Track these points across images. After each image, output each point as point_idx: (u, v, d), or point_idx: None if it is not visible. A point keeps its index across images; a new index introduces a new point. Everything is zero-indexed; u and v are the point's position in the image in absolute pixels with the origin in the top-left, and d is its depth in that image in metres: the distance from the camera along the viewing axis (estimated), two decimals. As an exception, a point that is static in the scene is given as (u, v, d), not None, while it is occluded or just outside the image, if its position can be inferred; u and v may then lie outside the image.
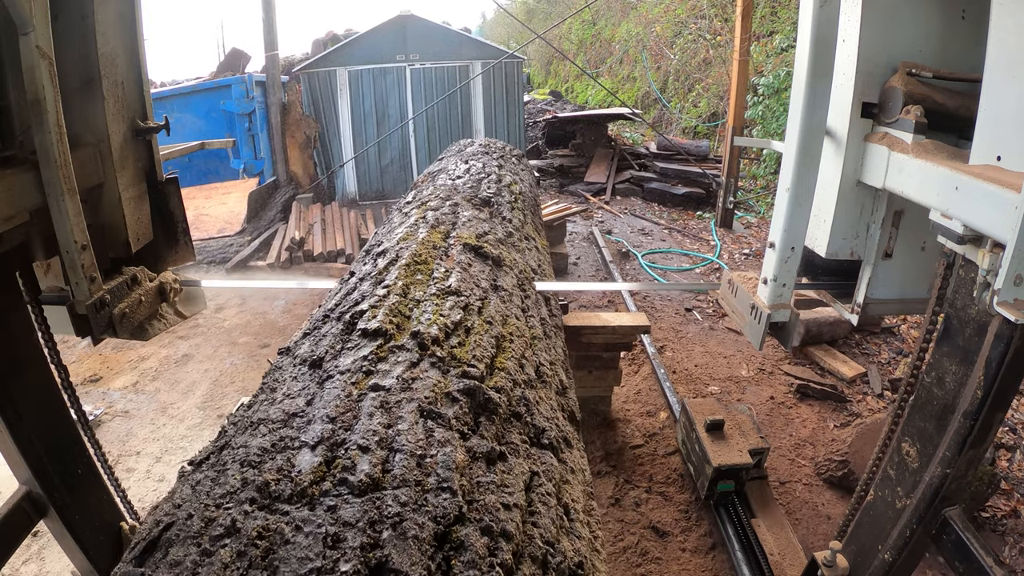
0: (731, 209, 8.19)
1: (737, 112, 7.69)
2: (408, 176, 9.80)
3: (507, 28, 27.03)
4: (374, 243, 2.30)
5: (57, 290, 1.90)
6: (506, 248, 2.35)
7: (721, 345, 5.20)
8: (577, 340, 3.53)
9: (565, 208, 7.09)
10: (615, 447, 3.83)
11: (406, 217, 2.50)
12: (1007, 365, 1.57)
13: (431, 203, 2.63)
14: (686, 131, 13.00)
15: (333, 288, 1.97)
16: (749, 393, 4.51)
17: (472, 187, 2.99)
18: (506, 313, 1.76)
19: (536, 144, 11.74)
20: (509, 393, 1.35)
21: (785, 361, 4.89)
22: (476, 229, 2.32)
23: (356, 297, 1.65)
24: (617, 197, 9.86)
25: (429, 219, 2.35)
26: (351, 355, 1.32)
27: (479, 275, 1.91)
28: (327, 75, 9.17)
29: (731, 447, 3.17)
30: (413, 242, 2.03)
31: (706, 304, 5.96)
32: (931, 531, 1.86)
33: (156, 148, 2.18)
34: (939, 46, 1.89)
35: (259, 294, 6.34)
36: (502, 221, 2.68)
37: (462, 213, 2.51)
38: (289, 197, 8.92)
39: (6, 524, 1.90)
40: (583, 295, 6.01)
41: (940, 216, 1.59)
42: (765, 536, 2.93)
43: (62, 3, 1.73)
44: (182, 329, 5.49)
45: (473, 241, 2.16)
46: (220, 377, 4.81)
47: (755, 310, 2.12)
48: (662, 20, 15.07)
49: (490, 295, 1.82)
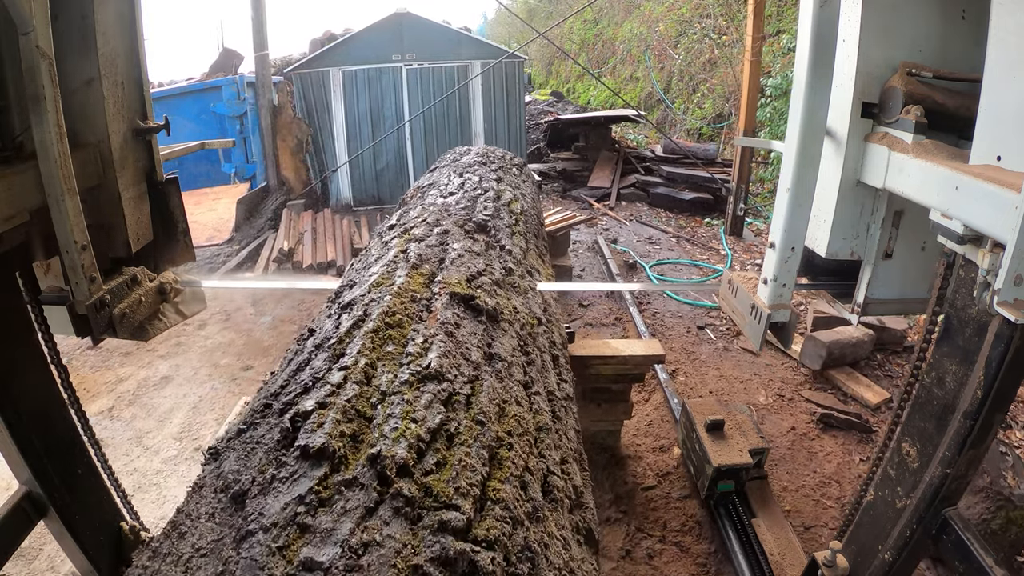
0: (741, 216, 7.92)
1: (749, 115, 7.43)
2: (404, 181, 9.47)
3: (508, 28, 26.98)
4: (345, 283, 1.98)
5: (57, 290, 1.90)
6: (505, 292, 2.00)
7: (737, 368, 4.89)
8: (584, 371, 3.22)
9: (569, 217, 6.78)
10: (625, 489, 3.53)
11: (385, 249, 2.14)
12: (1007, 365, 1.56)
13: (416, 230, 2.27)
14: (690, 133, 12.84)
15: (288, 351, 1.65)
16: (769, 423, 4.16)
17: (466, 207, 2.68)
18: (504, 399, 1.41)
19: (538, 147, 11.55)
20: (507, 545, 1.00)
21: (805, 386, 4.58)
22: (468, 268, 1.97)
23: (306, 380, 1.29)
24: (622, 203, 9.54)
25: (411, 255, 1.99)
26: (283, 493, 0.99)
27: (469, 341, 1.55)
28: (320, 76, 8.85)
29: (731, 447, 3.17)
30: (388, 291, 1.69)
31: (719, 321, 5.67)
32: (931, 531, 1.86)
33: (156, 148, 2.18)
34: (939, 46, 1.89)
35: (245, 310, 6.06)
36: (500, 252, 2.36)
37: (452, 245, 2.16)
38: (280, 203, 8.58)
39: (6, 524, 1.90)
40: (588, 312, 5.78)
41: (940, 216, 1.59)
42: (765, 536, 2.93)
43: (62, 3, 1.73)
44: (163, 347, 5.31)
45: (463, 289, 1.80)
46: (199, 403, 4.54)
47: (755, 310, 2.12)
48: (666, 19, 14.89)
49: (483, 373, 1.45)
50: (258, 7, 8.52)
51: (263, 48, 8.59)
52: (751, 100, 7.45)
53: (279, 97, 8.82)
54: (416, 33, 8.92)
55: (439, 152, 9.09)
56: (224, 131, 8.74)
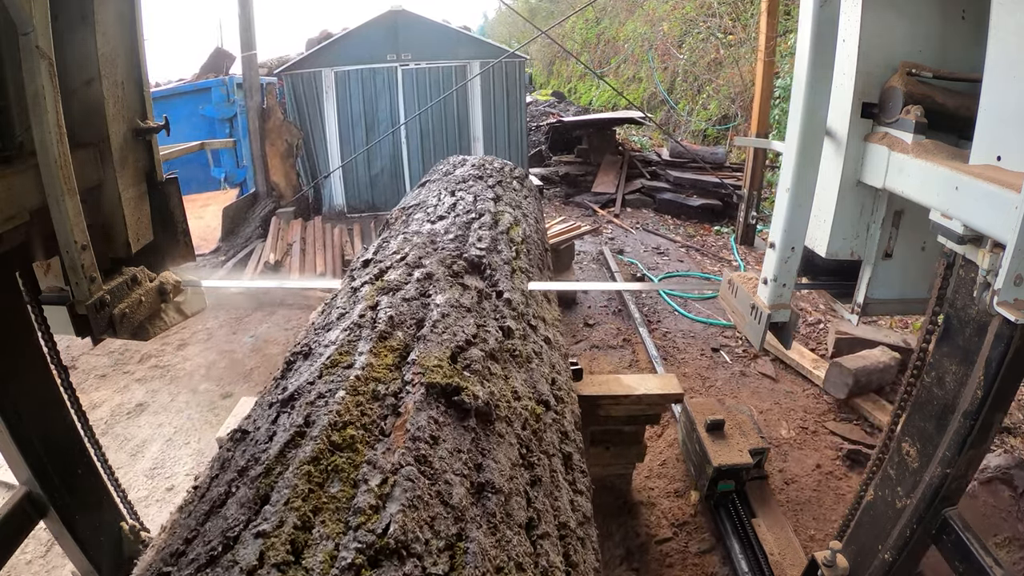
0: (753, 224, 7.56)
1: (762, 117, 7.10)
2: (400, 186, 8.93)
3: (509, 28, 26.92)
4: (299, 349, 1.56)
5: (57, 290, 1.90)
6: (502, 366, 1.59)
7: (756, 396, 4.49)
8: (594, 412, 2.89)
9: (573, 228, 6.41)
10: (637, 543, 3.18)
11: (352, 300, 1.74)
12: (1007, 365, 1.56)
13: (392, 274, 1.87)
14: (695, 135, 12.68)
15: (214, 461, 1.31)
16: (792, 460, 3.81)
17: (457, 237, 2.28)
18: (499, 564, 1.05)
19: (539, 149, 11.30)
20: None
21: (829, 416, 4.23)
22: (454, 336, 1.56)
23: (214, 542, 0.94)
24: (627, 209, 9.13)
25: (381, 315, 1.57)
26: None
27: (450, 468, 1.15)
28: (311, 76, 8.42)
29: (731, 447, 3.17)
30: (342, 382, 1.28)
31: (735, 343, 5.29)
32: (931, 531, 1.86)
33: (156, 148, 2.18)
34: (939, 46, 1.89)
35: (227, 328, 5.74)
36: (497, 304, 1.93)
37: (435, 299, 1.74)
38: (269, 211, 8.11)
39: (6, 524, 1.90)
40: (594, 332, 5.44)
41: (940, 216, 1.59)
42: (765, 536, 2.93)
43: (62, 3, 1.73)
44: (139, 370, 5.02)
45: (445, 374, 1.37)
46: (174, 436, 4.23)
47: (755, 310, 2.12)
48: (670, 18, 14.72)
49: (468, 526, 1.06)
50: (245, 5, 8.09)
51: (251, 48, 8.18)
52: (764, 101, 7.13)
53: (268, 99, 8.45)
54: (412, 32, 8.52)
55: (436, 156, 8.78)
56: (213, 134, 8.46)
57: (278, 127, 8.46)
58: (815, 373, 4.58)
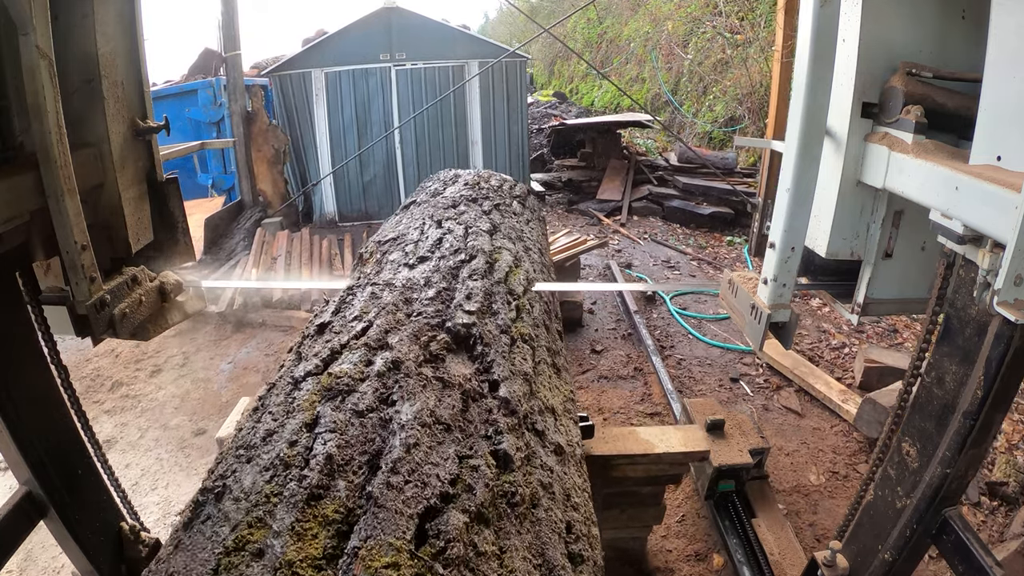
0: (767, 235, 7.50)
1: (780, 119, 6.78)
2: (394, 193, 8.50)
3: (510, 27, 26.89)
4: (209, 493, 1.12)
5: (57, 290, 1.89)
6: (494, 535, 1.09)
7: (780, 434, 4.12)
8: (607, 474, 2.51)
9: (579, 242, 5.98)
10: None
11: (288, 411, 1.27)
12: (1007, 365, 1.56)
13: (346, 363, 1.40)
14: (701, 137, 12.52)
15: None
16: (822, 511, 3.41)
17: (440, 294, 1.80)
18: None
19: (541, 152, 11.06)
20: None
21: (861, 457, 3.87)
22: (423, 490, 1.07)
23: None
24: (634, 217, 8.68)
25: (317, 453, 1.12)
26: None
27: None
28: (300, 78, 7.98)
29: (731, 447, 3.16)
30: None
31: (755, 370, 4.86)
32: (931, 531, 1.86)
33: (156, 148, 2.18)
34: (939, 46, 1.89)
35: (204, 352, 5.41)
36: (489, 403, 1.43)
37: (402, 410, 1.25)
38: (255, 221, 7.62)
39: (6, 524, 1.90)
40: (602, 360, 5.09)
41: (940, 216, 1.59)
42: (765, 536, 2.93)
43: (62, 3, 1.73)
44: (110, 400, 4.72)
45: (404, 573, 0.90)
46: (140, 479, 3.85)
47: (755, 310, 2.12)
48: (674, 17, 14.57)
49: None
50: (228, 1, 7.66)
51: (235, 48, 7.72)
52: (782, 103, 6.80)
53: (253, 102, 7.96)
54: (407, 30, 8.08)
55: (432, 161, 8.58)
56: (200, 138, 7.99)
57: (264, 132, 8.08)
58: (843, 407, 4.28)
